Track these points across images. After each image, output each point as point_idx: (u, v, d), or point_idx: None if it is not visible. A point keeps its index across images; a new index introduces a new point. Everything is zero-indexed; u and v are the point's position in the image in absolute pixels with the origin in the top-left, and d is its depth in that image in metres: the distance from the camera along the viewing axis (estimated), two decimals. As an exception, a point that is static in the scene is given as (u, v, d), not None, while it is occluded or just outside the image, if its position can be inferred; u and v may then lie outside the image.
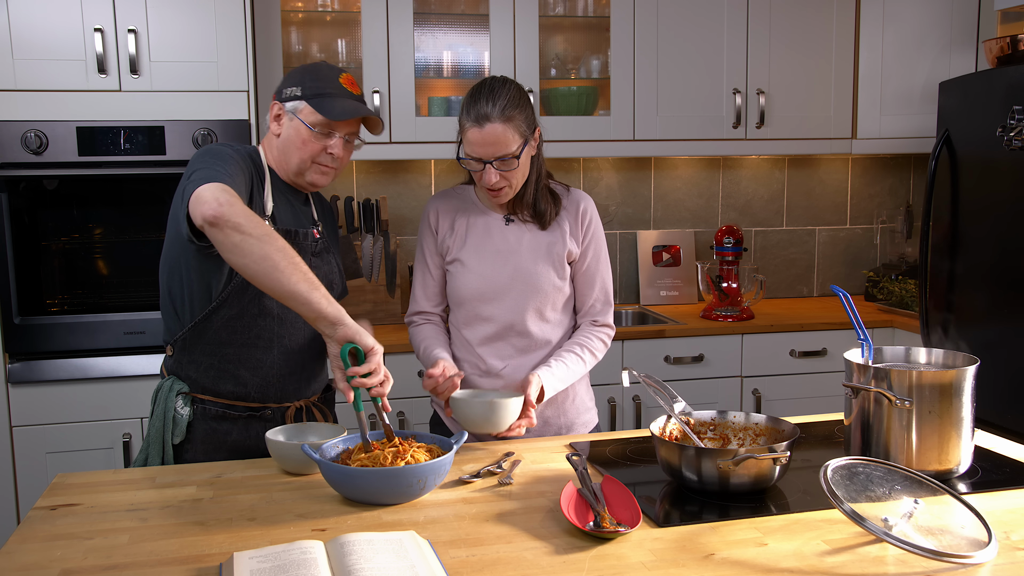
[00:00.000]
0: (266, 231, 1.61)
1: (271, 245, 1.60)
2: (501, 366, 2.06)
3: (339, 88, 1.87)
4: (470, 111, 1.92)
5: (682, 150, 3.53)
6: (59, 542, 1.40)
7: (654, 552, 1.34)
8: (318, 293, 1.62)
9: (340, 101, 1.85)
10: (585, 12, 3.54)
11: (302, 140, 1.85)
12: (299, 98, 1.85)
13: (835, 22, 3.58)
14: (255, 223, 1.61)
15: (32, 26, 2.77)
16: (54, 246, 2.91)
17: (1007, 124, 2.74)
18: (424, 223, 2.15)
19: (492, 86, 1.94)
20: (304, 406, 1.95)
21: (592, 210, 2.12)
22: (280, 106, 1.88)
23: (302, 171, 1.88)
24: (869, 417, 1.65)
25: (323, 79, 1.86)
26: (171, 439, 1.85)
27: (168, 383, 1.88)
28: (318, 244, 1.96)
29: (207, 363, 1.86)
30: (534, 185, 2.04)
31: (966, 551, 1.29)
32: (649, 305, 3.77)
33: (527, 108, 1.96)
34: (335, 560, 1.26)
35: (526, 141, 1.96)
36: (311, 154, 1.86)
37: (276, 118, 1.89)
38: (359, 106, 1.88)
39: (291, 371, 1.91)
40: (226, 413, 1.87)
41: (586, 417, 2.18)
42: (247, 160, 1.85)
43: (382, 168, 3.57)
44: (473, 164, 1.97)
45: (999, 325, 2.82)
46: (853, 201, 4.05)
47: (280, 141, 1.89)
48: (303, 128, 1.84)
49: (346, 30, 3.38)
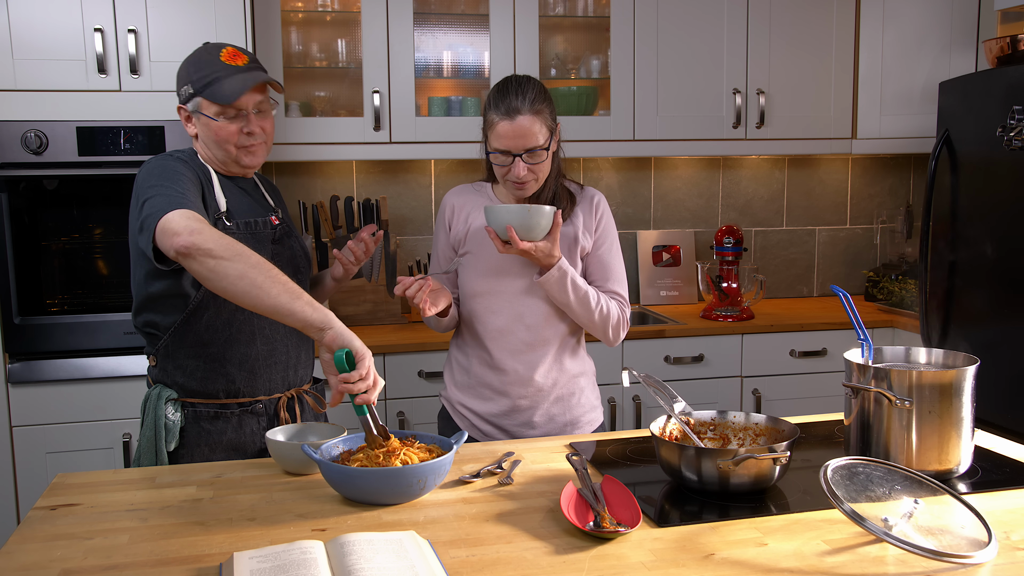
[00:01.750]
0: (238, 250, 1.61)
1: (245, 263, 1.60)
2: (509, 360, 2.07)
3: (223, 67, 1.84)
4: (499, 105, 1.95)
5: (682, 150, 3.54)
6: (59, 542, 1.39)
7: (654, 552, 1.34)
8: (300, 302, 1.61)
9: (228, 81, 1.83)
10: (585, 12, 3.54)
11: (215, 132, 1.85)
12: (193, 95, 1.85)
13: (835, 22, 3.58)
14: (225, 244, 1.61)
15: (32, 26, 2.77)
16: (54, 246, 2.91)
17: (1007, 124, 2.74)
18: (440, 217, 2.18)
19: (519, 81, 1.98)
20: (295, 395, 1.96)
21: (604, 205, 2.15)
22: (184, 109, 1.89)
23: (230, 158, 1.89)
24: (869, 417, 1.65)
25: (205, 66, 1.84)
26: (165, 447, 1.85)
27: (155, 392, 1.88)
28: (277, 230, 1.95)
29: (192, 366, 1.87)
30: (554, 180, 2.08)
31: (966, 551, 1.29)
32: (649, 305, 3.77)
33: (551, 103, 2.01)
34: (335, 560, 1.26)
35: (552, 134, 2.00)
36: (229, 140, 1.86)
37: (187, 120, 1.90)
38: (246, 78, 1.85)
39: (276, 360, 1.92)
40: (218, 413, 1.87)
41: (591, 416, 2.18)
42: (192, 167, 1.85)
43: (382, 168, 3.57)
44: (501, 158, 1.98)
45: (999, 325, 2.82)
46: (853, 201, 4.05)
47: (201, 140, 1.90)
48: (210, 121, 1.84)
49: (346, 30, 3.38)
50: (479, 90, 3.46)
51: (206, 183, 1.87)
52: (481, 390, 2.11)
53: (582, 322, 2.07)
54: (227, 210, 1.87)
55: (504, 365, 2.08)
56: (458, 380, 2.16)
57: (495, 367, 2.09)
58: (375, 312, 3.32)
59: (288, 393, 1.94)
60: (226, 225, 1.84)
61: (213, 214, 1.84)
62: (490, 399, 2.10)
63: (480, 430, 2.13)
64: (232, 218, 1.87)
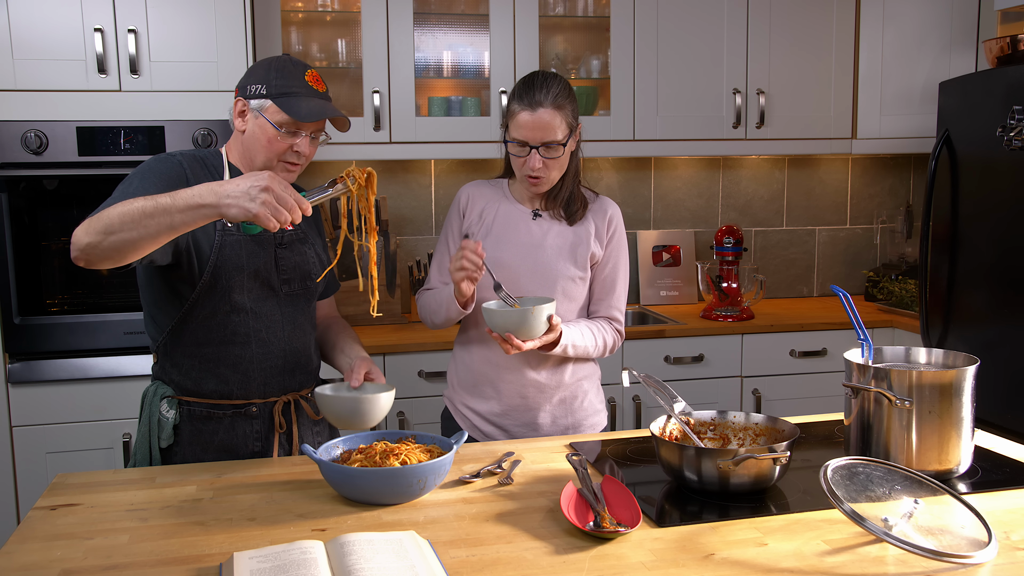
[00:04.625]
0: (105, 214, 1.55)
1: (108, 219, 1.54)
2: (513, 359, 2.07)
3: (305, 86, 1.84)
4: (523, 97, 1.98)
5: (682, 150, 3.54)
6: (59, 542, 1.39)
7: (654, 552, 1.34)
8: (181, 199, 1.53)
9: (307, 101, 1.82)
10: (585, 12, 3.54)
11: (268, 139, 1.82)
12: (264, 96, 1.82)
13: (835, 22, 3.58)
14: (94, 221, 1.56)
15: (32, 26, 2.77)
16: (54, 246, 2.91)
17: (1007, 124, 2.74)
18: (454, 206, 2.18)
19: (544, 75, 2.02)
20: (292, 400, 1.95)
21: (618, 218, 2.16)
22: (244, 102, 1.85)
23: (268, 168, 1.86)
24: (869, 417, 1.65)
25: (288, 76, 1.83)
26: (157, 443, 1.85)
27: (153, 388, 1.89)
28: (285, 236, 1.92)
29: (188, 364, 1.87)
30: (571, 180, 2.09)
31: (966, 551, 1.29)
32: (649, 305, 3.77)
33: (574, 101, 2.04)
34: (335, 560, 1.26)
35: (571, 132, 2.01)
36: (277, 153, 1.84)
37: (240, 114, 1.86)
38: (326, 106, 1.85)
39: (272, 365, 1.90)
40: (211, 413, 1.87)
41: (594, 419, 2.18)
42: (185, 168, 1.80)
43: (382, 168, 3.57)
44: (518, 148, 2.00)
45: (999, 325, 2.82)
46: (853, 201, 4.05)
47: (245, 138, 1.86)
48: (268, 127, 1.82)
49: (346, 30, 3.38)
50: (479, 90, 3.46)
51: (205, 180, 1.82)
52: (484, 389, 2.11)
53: None
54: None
55: (508, 364, 2.08)
56: (462, 378, 2.16)
57: (499, 365, 2.09)
58: (375, 312, 3.32)
59: (285, 398, 1.93)
60: (224, 224, 1.83)
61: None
62: (492, 398, 2.10)
63: (482, 431, 2.13)
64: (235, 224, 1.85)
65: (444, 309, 2.06)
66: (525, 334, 1.90)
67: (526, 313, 1.88)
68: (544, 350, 2.00)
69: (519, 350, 1.91)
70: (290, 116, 1.80)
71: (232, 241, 1.83)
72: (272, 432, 1.91)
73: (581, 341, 2.05)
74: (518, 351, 1.92)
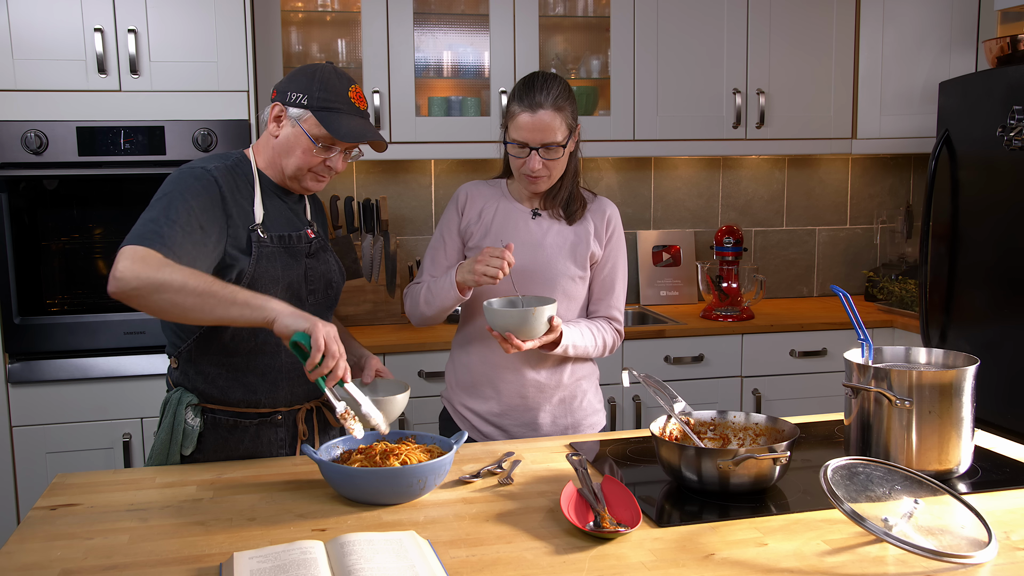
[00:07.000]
0: (167, 273, 1.56)
1: (171, 291, 1.56)
2: (513, 358, 2.07)
3: (347, 103, 1.80)
4: (523, 98, 1.98)
5: (682, 150, 3.54)
6: (59, 542, 1.40)
7: (654, 552, 1.34)
8: (236, 307, 1.58)
9: (348, 119, 1.79)
10: (585, 12, 3.54)
11: (302, 149, 1.80)
12: (305, 107, 1.78)
13: (835, 22, 3.58)
14: (149, 266, 1.56)
15: (32, 26, 2.77)
16: (54, 246, 2.91)
17: (1007, 124, 2.74)
18: (452, 204, 2.16)
19: (545, 77, 2.01)
20: (315, 407, 1.95)
21: (617, 218, 2.16)
22: (282, 108, 1.81)
23: (297, 177, 1.84)
24: (869, 417, 1.65)
25: (331, 90, 1.79)
26: (179, 451, 1.82)
27: (176, 395, 1.85)
28: (312, 244, 1.91)
29: (215, 373, 1.84)
30: (571, 179, 2.09)
31: (966, 551, 1.29)
32: (649, 305, 3.77)
33: (574, 103, 2.04)
34: (335, 560, 1.26)
35: (571, 133, 2.02)
36: (309, 164, 1.81)
37: (276, 119, 1.82)
38: (367, 127, 1.82)
39: (300, 373, 1.88)
40: (238, 422, 1.85)
41: (593, 419, 2.18)
42: (219, 184, 1.77)
43: (382, 168, 3.57)
44: (517, 149, 2.00)
45: (999, 325, 2.82)
46: (853, 201, 4.05)
47: (278, 143, 1.83)
48: (304, 139, 1.79)
49: (346, 30, 3.38)
50: (479, 90, 3.46)
51: (239, 194, 1.80)
52: (483, 389, 2.11)
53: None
54: (262, 222, 1.82)
55: (508, 364, 2.08)
56: (460, 379, 2.16)
57: (498, 365, 2.09)
58: (375, 312, 3.32)
59: (308, 405, 1.93)
60: (260, 237, 1.80)
61: (247, 226, 1.79)
62: (491, 398, 2.10)
63: (481, 431, 2.13)
64: (267, 230, 1.82)
65: (439, 298, 2.04)
66: (526, 334, 1.90)
67: (527, 313, 1.88)
68: (544, 350, 2.00)
69: (519, 350, 1.91)
70: (329, 133, 1.77)
71: (268, 253, 1.81)
72: (295, 439, 1.91)
73: (581, 341, 2.05)
74: (518, 351, 1.92)
